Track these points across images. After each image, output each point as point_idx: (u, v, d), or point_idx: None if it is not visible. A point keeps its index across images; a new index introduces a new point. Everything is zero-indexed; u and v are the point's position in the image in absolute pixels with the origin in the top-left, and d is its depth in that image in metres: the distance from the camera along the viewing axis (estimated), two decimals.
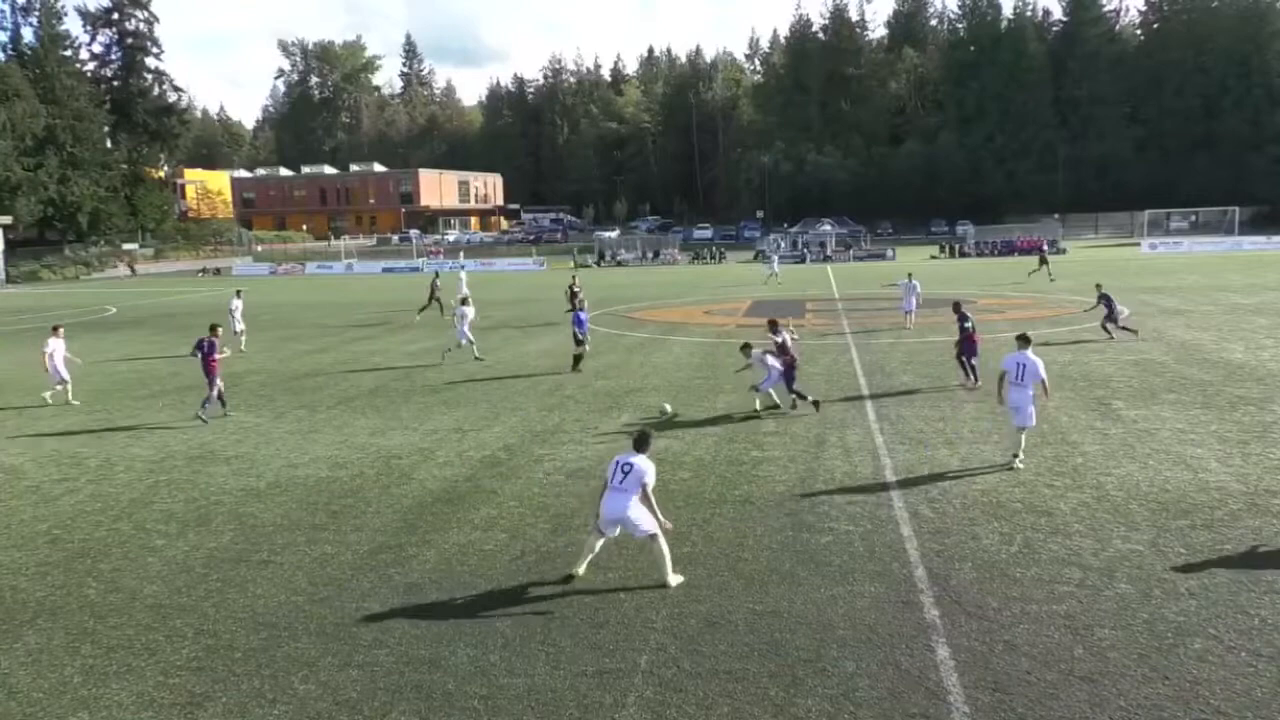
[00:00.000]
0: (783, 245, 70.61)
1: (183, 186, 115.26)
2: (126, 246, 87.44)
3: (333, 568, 10.26)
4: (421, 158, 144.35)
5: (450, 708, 7.24)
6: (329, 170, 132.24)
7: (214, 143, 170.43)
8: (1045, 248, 42.11)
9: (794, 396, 17.37)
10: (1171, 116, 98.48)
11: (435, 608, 9.10)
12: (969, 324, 19.59)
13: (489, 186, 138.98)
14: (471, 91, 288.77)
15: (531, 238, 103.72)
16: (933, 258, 68.65)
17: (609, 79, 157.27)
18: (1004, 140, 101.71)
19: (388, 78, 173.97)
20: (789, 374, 17.26)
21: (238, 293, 31.50)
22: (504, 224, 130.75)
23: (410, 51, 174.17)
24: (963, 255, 69.61)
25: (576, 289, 31.67)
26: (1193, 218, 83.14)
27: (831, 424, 16.36)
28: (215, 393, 18.37)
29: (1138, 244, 71.15)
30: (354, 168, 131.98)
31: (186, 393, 21.52)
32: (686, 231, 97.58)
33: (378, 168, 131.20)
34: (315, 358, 26.74)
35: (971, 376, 19.33)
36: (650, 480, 9.49)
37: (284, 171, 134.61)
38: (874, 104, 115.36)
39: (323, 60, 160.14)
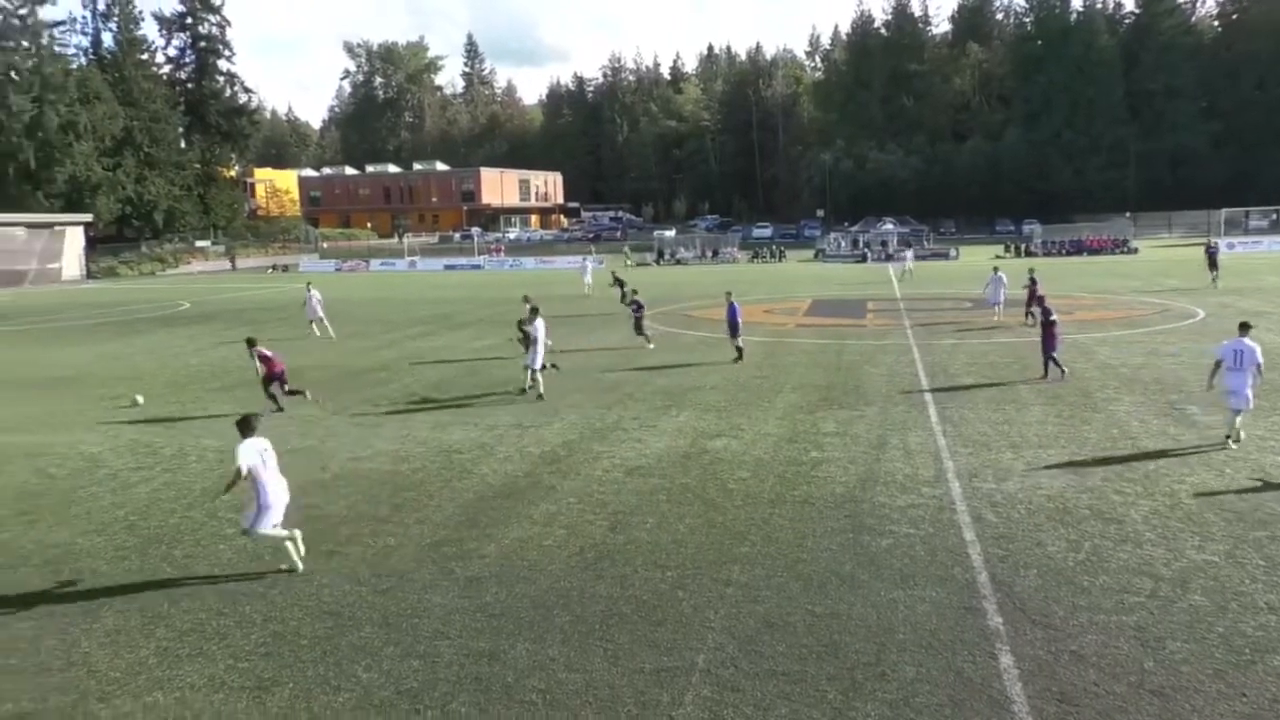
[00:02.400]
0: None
1: (252, 185, 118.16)
2: (199, 244, 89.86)
3: (395, 559, 10.44)
4: (483, 156, 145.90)
5: (509, 700, 7.32)
6: (393, 169, 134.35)
7: (282, 142, 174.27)
8: (1214, 248, 39.12)
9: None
10: (1250, 110, 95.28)
11: (495, 601, 9.21)
12: (1052, 317, 19.69)
13: (549, 185, 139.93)
14: (532, 91, 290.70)
15: (591, 236, 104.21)
16: (997, 257, 67.29)
17: (668, 77, 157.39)
18: (1072, 136, 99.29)
19: (450, 77, 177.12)
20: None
21: (308, 285, 33.11)
22: (564, 222, 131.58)
23: (472, 51, 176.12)
24: (1029, 254, 68.15)
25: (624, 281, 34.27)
26: (1274, 216, 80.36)
27: (893, 426, 16.17)
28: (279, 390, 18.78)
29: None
30: (417, 166, 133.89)
31: (256, 386, 22.02)
32: (746, 230, 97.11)
33: (440, 166, 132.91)
34: (378, 353, 27.18)
35: (1058, 370, 19.55)
36: (241, 463, 9.76)
37: (349, 170, 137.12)
38: (937, 100, 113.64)
39: (387, 61, 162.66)
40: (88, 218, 76.94)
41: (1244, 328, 14.31)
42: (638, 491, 12.73)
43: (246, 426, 10.11)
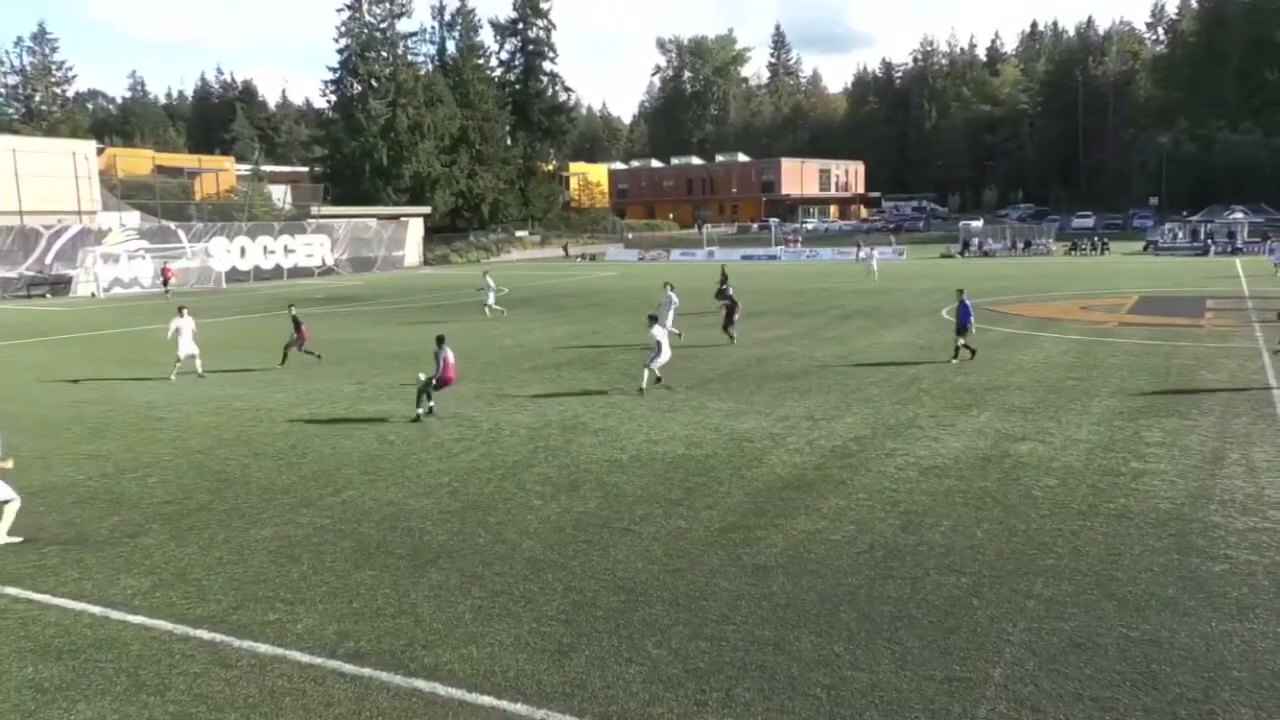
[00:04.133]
0: (1179, 235, 63.06)
1: (567, 179, 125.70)
2: (519, 234, 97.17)
3: (686, 541, 10.75)
4: (784, 146, 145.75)
5: (793, 692, 7.32)
6: (696, 161, 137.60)
7: (595, 137, 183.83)
8: None
9: None
10: None
11: (781, 591, 9.24)
12: None
13: (850, 174, 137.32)
14: (838, 79, 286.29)
15: (892, 226, 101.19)
16: None
17: (984, 59, 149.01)
18: None
19: (755, 69, 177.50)
20: None
21: (667, 285, 28.66)
22: (863, 212, 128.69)
23: (779, 42, 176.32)
24: None
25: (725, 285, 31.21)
26: None
27: (1233, 439, 14.40)
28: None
29: None
30: (719, 158, 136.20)
31: (563, 368, 23.52)
32: (1064, 220, 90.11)
33: (741, 158, 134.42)
34: (675, 340, 27.98)
35: None
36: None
37: (655, 163, 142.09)
38: None
39: (696, 55, 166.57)
40: (426, 210, 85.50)
41: None
42: (932, 492, 12.24)
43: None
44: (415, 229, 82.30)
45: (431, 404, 18.12)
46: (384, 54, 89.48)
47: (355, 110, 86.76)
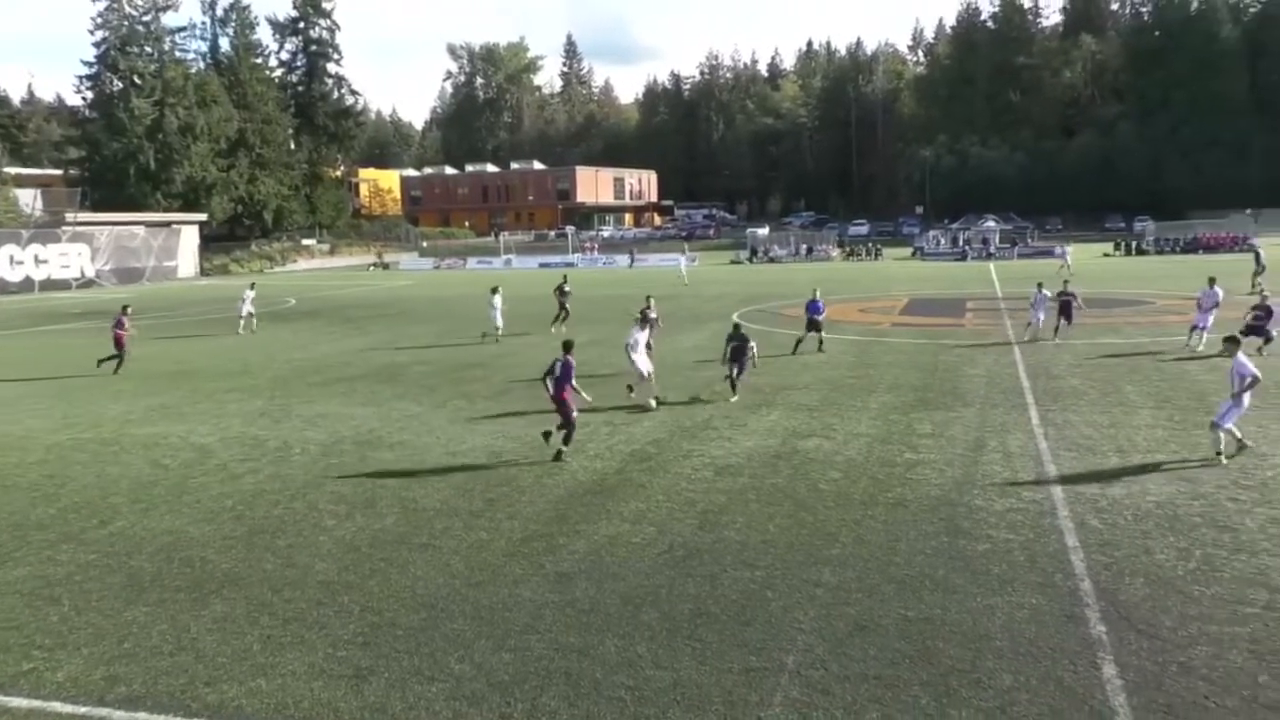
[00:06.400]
0: (942, 241, 68.47)
1: (356, 185, 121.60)
2: (305, 242, 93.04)
3: (488, 553, 10.61)
4: (579, 155, 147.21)
5: (598, 696, 7.37)
6: (491, 168, 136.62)
7: (386, 143, 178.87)
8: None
9: None
10: None
11: (584, 597, 9.28)
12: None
13: (643, 183, 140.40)
14: (629, 89, 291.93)
15: (684, 234, 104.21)
16: (1105, 255, 64.99)
17: (766, 74, 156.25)
18: (1190, 132, 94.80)
19: (548, 77, 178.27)
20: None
21: (494, 290, 29.98)
22: (657, 220, 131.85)
23: (570, 51, 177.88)
24: (1140, 253, 65.57)
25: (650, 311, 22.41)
26: None
27: (992, 428, 15.74)
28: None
29: None
30: (514, 165, 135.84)
31: (356, 381, 22.71)
32: (842, 227, 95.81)
33: (537, 165, 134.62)
34: (475, 349, 27.68)
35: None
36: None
37: (449, 170, 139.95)
38: (1045, 95, 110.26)
39: (488, 61, 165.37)
40: (202, 217, 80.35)
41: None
42: (727, 490, 12.67)
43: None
44: (190, 237, 77.24)
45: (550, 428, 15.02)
46: (148, 49, 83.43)
47: (116, 109, 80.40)
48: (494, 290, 29.90)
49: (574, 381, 14.70)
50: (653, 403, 18.33)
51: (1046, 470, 13.10)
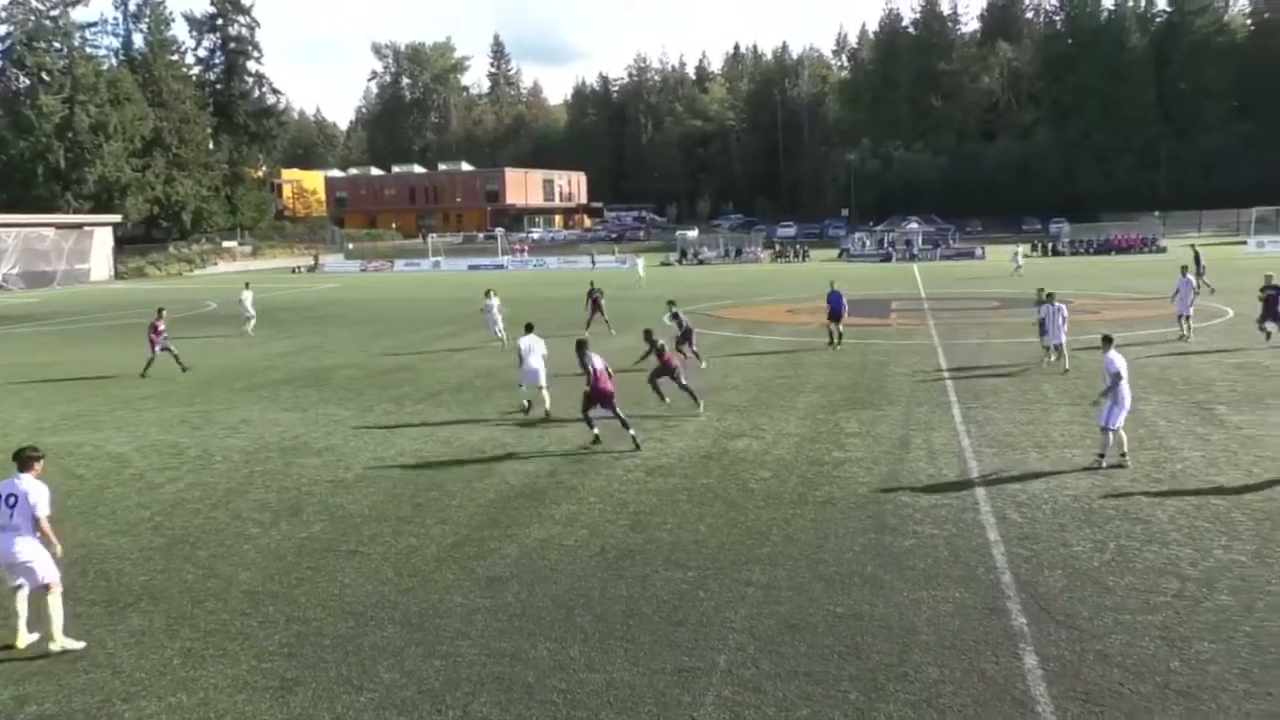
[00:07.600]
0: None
1: (279, 186, 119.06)
2: (226, 244, 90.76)
3: (417, 559, 10.48)
4: (508, 157, 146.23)
5: (530, 700, 7.32)
6: (418, 170, 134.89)
7: (310, 143, 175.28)
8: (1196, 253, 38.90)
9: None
10: None
11: (516, 601, 9.22)
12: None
13: (573, 185, 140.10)
14: (558, 91, 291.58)
15: (614, 235, 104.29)
16: (1025, 255, 66.80)
17: (693, 77, 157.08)
18: (1102, 137, 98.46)
19: (476, 78, 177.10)
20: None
21: (487, 292, 28.56)
22: (587, 222, 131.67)
23: (498, 52, 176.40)
24: (1055, 254, 67.62)
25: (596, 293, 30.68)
26: None
27: (916, 426, 16.07)
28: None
29: (1244, 242, 68.11)
30: (442, 167, 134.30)
31: (281, 386, 22.23)
32: (770, 229, 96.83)
33: (465, 167, 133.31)
34: (403, 354, 27.31)
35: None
36: (45, 509, 8.34)
37: (375, 171, 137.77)
38: (965, 100, 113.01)
39: (414, 61, 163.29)
40: (116, 218, 77.90)
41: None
42: (659, 491, 12.71)
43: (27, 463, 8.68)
44: (103, 239, 74.84)
45: (595, 431, 15.29)
46: (56, 44, 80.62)
47: (22, 106, 77.60)
48: (488, 293, 28.21)
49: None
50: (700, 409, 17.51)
51: (969, 466, 13.42)
